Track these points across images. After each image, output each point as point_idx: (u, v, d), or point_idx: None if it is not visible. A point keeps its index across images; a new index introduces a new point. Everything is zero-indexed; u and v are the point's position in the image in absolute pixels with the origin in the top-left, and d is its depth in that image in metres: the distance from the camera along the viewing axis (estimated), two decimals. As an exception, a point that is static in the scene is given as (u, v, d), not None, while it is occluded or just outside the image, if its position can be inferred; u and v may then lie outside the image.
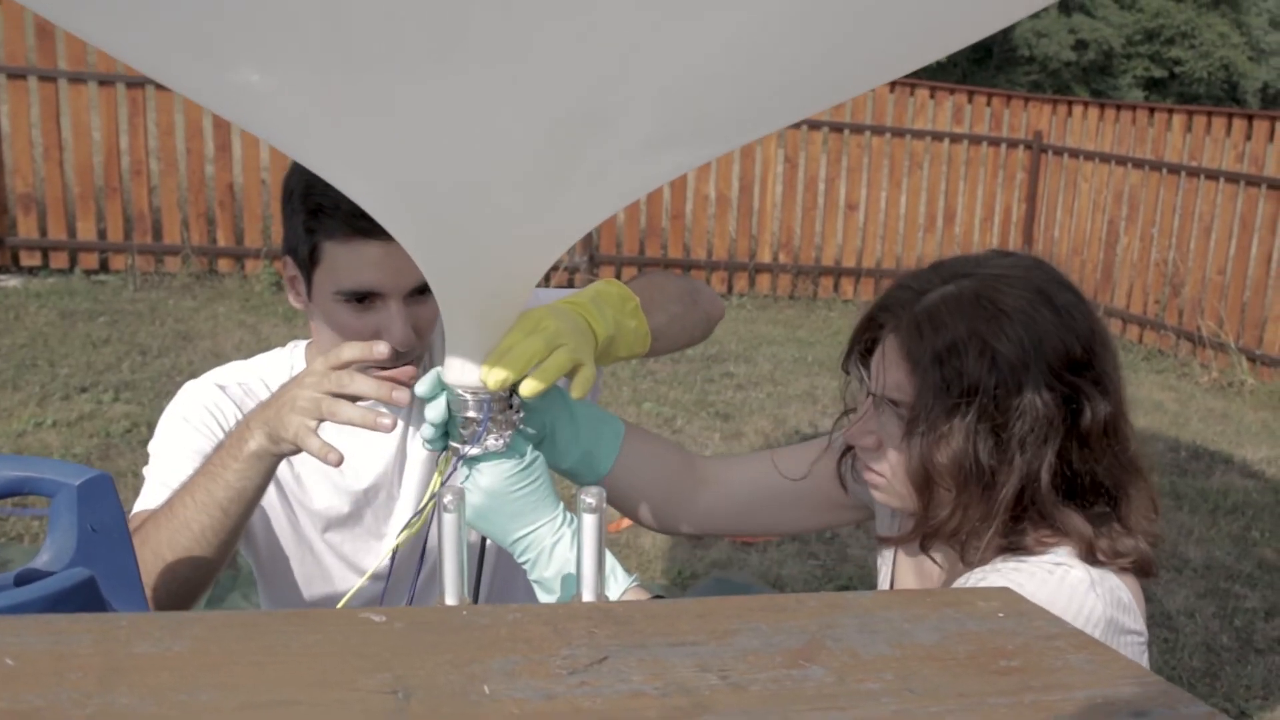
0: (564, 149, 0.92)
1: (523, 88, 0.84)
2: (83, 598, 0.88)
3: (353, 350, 1.28)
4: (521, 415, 1.17)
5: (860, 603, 0.95)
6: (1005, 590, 1.01)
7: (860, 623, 0.89)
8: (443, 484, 1.15)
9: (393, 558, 1.36)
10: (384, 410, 1.26)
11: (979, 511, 1.20)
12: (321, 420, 1.27)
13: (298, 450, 1.31)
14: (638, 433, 1.40)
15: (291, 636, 0.78)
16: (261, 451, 1.33)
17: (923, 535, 1.25)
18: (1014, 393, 1.17)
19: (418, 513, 1.20)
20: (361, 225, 1.42)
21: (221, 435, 1.56)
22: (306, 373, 1.31)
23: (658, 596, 1.21)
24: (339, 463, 1.26)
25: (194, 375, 1.66)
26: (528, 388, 1.12)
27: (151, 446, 1.60)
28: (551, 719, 0.70)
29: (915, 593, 1.00)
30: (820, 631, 0.87)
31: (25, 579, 0.94)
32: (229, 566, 3.29)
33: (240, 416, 1.58)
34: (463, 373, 1.12)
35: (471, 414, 1.13)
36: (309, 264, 1.51)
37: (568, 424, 1.30)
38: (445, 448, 1.16)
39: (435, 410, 1.15)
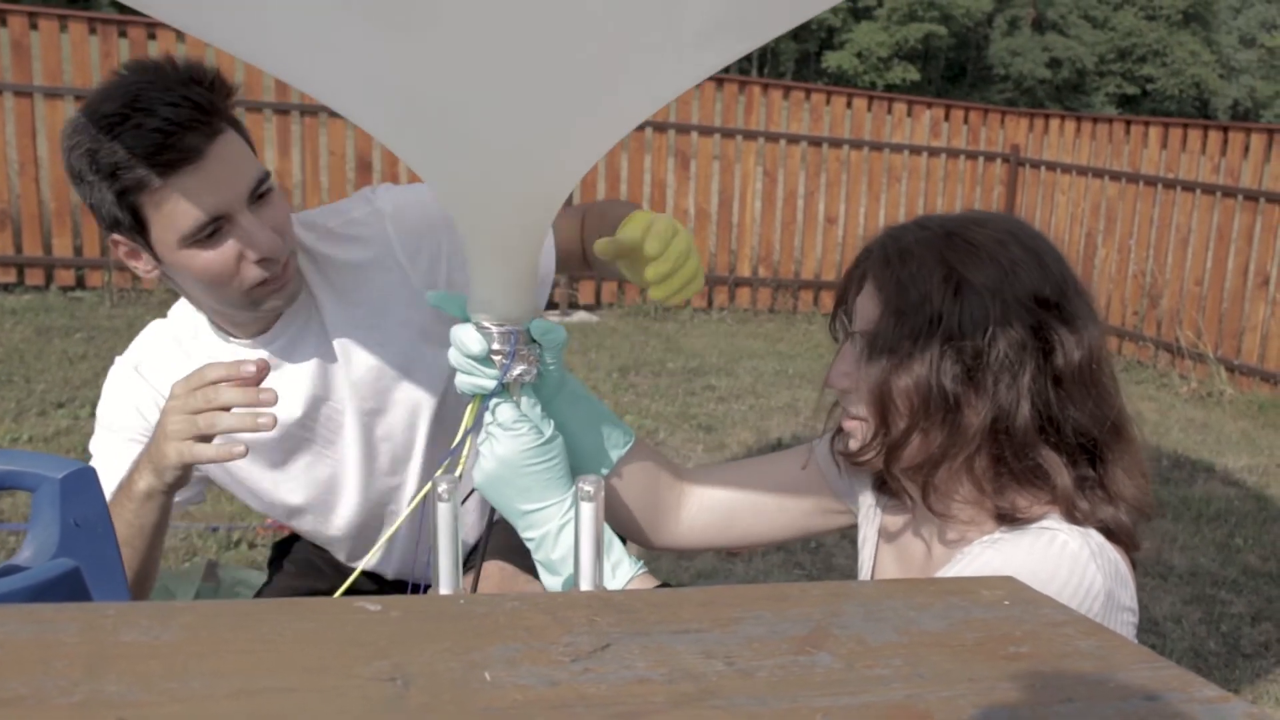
0: (616, 50, 0.91)
1: None
2: (67, 589, 0.86)
3: (217, 370, 1.28)
4: (541, 350, 1.16)
5: (865, 591, 0.93)
6: (1010, 579, 0.99)
7: (866, 610, 0.87)
8: (478, 417, 1.13)
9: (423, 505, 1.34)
10: (261, 410, 1.28)
11: (942, 439, 1.19)
12: (200, 435, 1.29)
13: (187, 471, 1.33)
14: (640, 445, 1.38)
15: (285, 625, 0.75)
16: (151, 490, 1.34)
17: (885, 455, 1.23)
18: (982, 322, 1.16)
19: (453, 451, 1.16)
20: (167, 159, 1.36)
21: (145, 424, 1.57)
22: (170, 398, 1.30)
23: (665, 584, 1.19)
24: (245, 453, 1.28)
25: None
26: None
27: (91, 446, 1.62)
28: (556, 705, 0.68)
29: (920, 581, 0.98)
30: (826, 619, 0.85)
31: (6, 575, 0.91)
32: (209, 579, 3.26)
33: (159, 398, 1.58)
34: (489, 307, 1.11)
35: (498, 346, 1.11)
36: (139, 229, 1.44)
37: (578, 421, 1.28)
38: (489, 393, 1.14)
39: (472, 340, 1.12)
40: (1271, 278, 6.68)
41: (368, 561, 1.53)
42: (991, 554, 1.16)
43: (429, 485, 1.04)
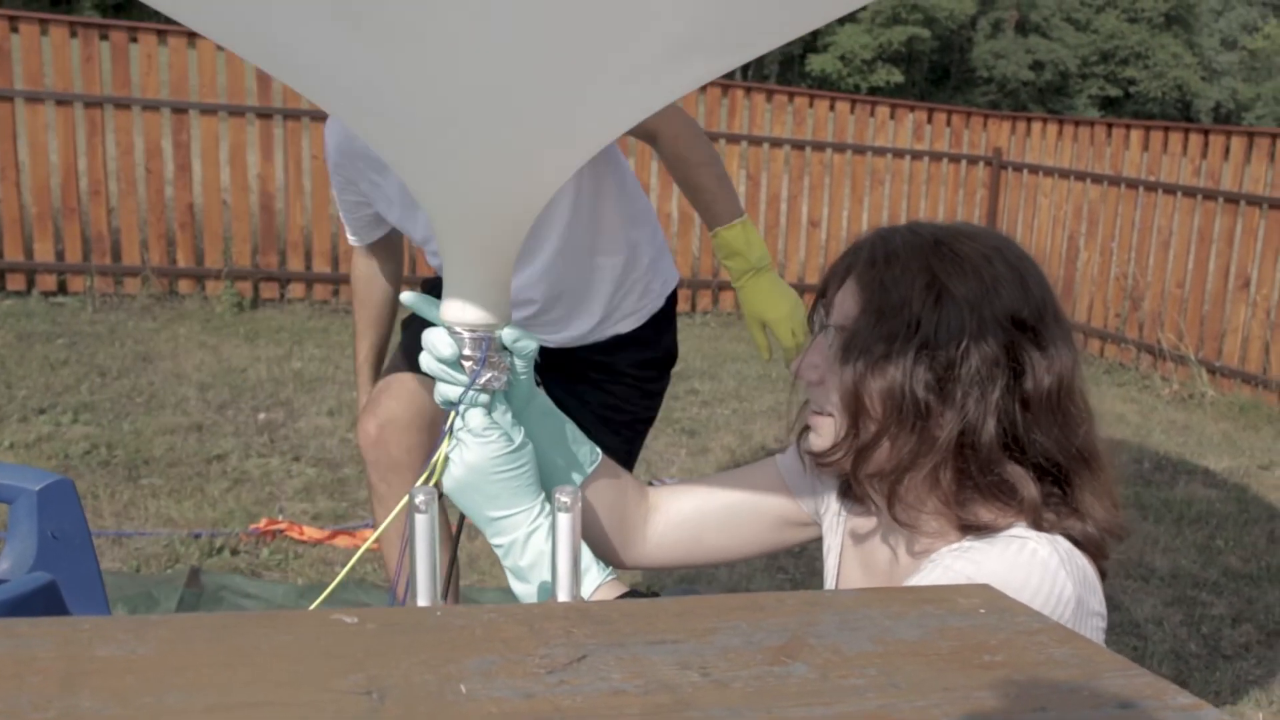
0: (587, 60, 0.91)
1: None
2: (44, 602, 0.86)
3: None
4: (512, 358, 1.16)
5: (840, 600, 0.94)
6: (985, 587, 1.00)
7: (841, 620, 0.88)
8: (456, 418, 1.14)
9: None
10: None
11: (910, 446, 1.20)
12: None
13: None
14: (606, 463, 1.38)
15: (261, 638, 0.75)
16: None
17: (854, 458, 1.23)
18: (958, 334, 1.17)
19: (435, 457, 1.17)
20: None
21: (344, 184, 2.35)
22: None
23: (633, 591, 1.20)
24: None
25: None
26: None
27: None
28: (532, 718, 0.68)
29: (896, 590, 0.99)
30: (801, 629, 0.85)
31: (-17, 588, 0.91)
32: (193, 585, 3.25)
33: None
34: (462, 312, 1.11)
35: (469, 352, 1.12)
36: None
37: (545, 436, 1.28)
38: (455, 402, 1.15)
39: (444, 344, 1.13)
40: (1252, 280, 6.72)
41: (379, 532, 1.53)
42: (963, 563, 1.16)
43: (406, 498, 1.04)
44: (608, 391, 2.41)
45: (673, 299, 2.51)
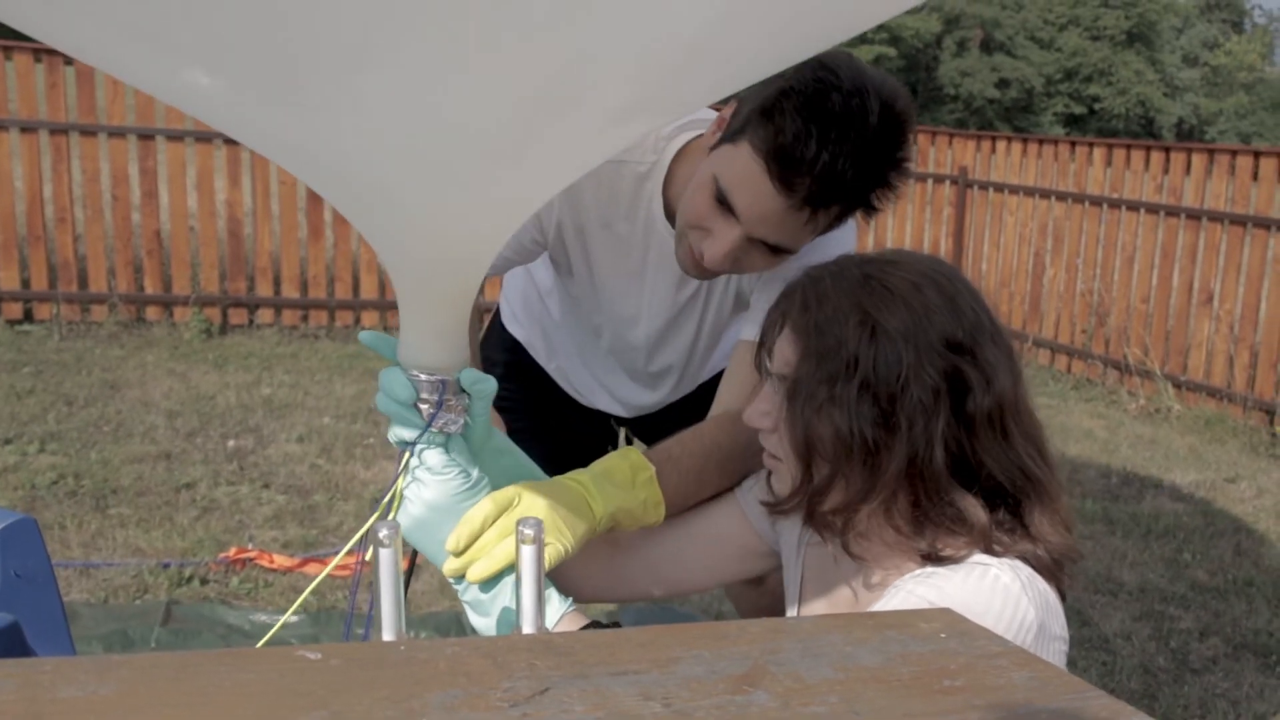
0: (527, 128, 0.91)
1: (487, 71, 0.83)
2: (6, 643, 0.85)
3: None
4: (469, 400, 1.16)
5: (803, 627, 0.94)
6: (947, 611, 1.01)
7: (803, 647, 0.89)
8: (411, 457, 1.14)
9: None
10: None
11: (860, 484, 1.21)
12: None
13: None
14: None
15: (224, 676, 0.75)
16: None
17: (807, 504, 1.25)
18: (896, 366, 1.18)
19: (387, 495, 1.17)
20: (785, 177, 1.44)
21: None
22: None
23: (594, 623, 1.20)
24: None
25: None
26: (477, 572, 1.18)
27: None
28: (493, 752, 0.69)
29: (858, 615, 0.99)
30: (763, 657, 0.86)
31: (-56, 629, 0.91)
32: (169, 622, 3.21)
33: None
34: (418, 355, 1.11)
35: (425, 395, 1.12)
36: (751, 122, 1.48)
37: (502, 475, 1.28)
38: (410, 443, 1.15)
39: (401, 389, 1.13)
40: (1215, 295, 6.79)
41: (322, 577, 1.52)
42: (926, 588, 1.17)
43: (367, 525, 1.04)
44: None
45: None
